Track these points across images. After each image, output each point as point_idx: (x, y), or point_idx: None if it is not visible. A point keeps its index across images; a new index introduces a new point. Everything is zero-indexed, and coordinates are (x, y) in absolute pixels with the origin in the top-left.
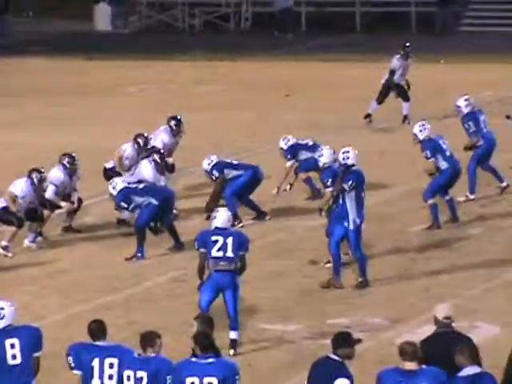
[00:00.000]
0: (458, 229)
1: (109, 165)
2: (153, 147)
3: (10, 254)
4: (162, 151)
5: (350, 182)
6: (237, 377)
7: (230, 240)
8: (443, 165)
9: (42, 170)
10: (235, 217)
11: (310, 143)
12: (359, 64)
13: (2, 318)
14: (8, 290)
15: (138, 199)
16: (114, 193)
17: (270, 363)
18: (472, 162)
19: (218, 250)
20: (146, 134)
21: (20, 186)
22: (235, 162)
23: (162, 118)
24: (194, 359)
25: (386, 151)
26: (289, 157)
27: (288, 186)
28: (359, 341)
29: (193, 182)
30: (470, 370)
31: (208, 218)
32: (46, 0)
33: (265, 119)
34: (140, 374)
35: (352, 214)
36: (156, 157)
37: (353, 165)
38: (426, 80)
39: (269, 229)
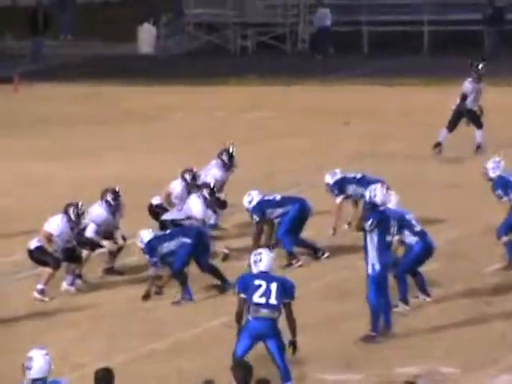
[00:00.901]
0: None
1: (155, 201)
2: (204, 183)
3: (46, 299)
4: (212, 186)
5: (369, 222)
6: None
7: (273, 286)
8: None
9: (80, 205)
10: (292, 255)
11: (359, 176)
12: (426, 88)
13: (29, 369)
14: (44, 338)
15: (169, 245)
16: (142, 246)
17: None
18: None
19: (261, 295)
20: (194, 169)
21: (56, 224)
22: (278, 198)
23: (210, 148)
24: None
25: (457, 183)
26: (336, 192)
27: (346, 226)
28: None
29: (245, 219)
30: None
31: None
32: (86, 22)
33: (322, 149)
34: None
35: (371, 258)
36: (205, 192)
37: (381, 204)
38: (501, 105)
39: (328, 268)
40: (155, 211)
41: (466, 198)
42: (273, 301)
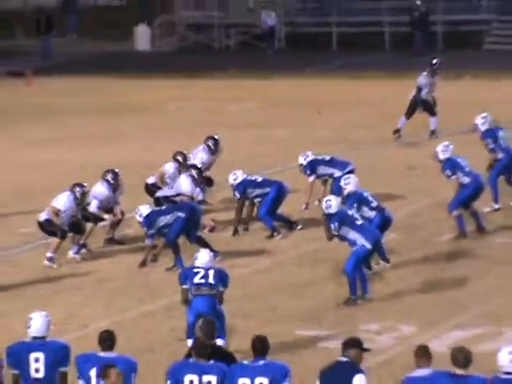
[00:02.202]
0: (483, 238)
1: (150, 180)
2: (192, 164)
3: (54, 265)
4: (199, 167)
5: (333, 227)
6: (287, 378)
7: (210, 271)
8: (465, 180)
9: (85, 185)
10: (274, 229)
11: (327, 158)
12: (388, 81)
13: (29, 328)
14: (53, 300)
15: (165, 218)
16: (141, 220)
17: (303, 368)
18: (493, 173)
19: (201, 278)
20: (184, 151)
21: (63, 201)
22: (259, 180)
23: (199, 134)
24: (245, 362)
25: (413, 164)
26: (308, 172)
27: (317, 202)
28: (368, 350)
29: (229, 195)
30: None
31: (233, 234)
32: (88, 22)
33: (298, 135)
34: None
35: (359, 240)
36: (194, 172)
37: (335, 213)
38: (452, 95)
39: (303, 239)
40: (150, 189)
41: (422, 178)
42: (211, 280)
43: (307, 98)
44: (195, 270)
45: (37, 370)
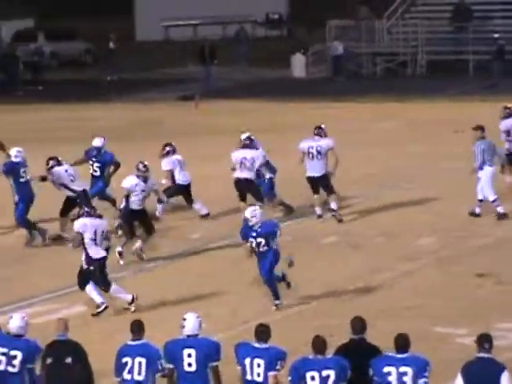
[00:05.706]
0: None
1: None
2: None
3: (122, 261)
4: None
5: None
6: (428, 370)
7: None
8: None
9: (146, 162)
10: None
11: None
12: None
13: (183, 327)
14: (218, 299)
15: None
16: None
17: (440, 362)
18: None
19: None
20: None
21: (129, 181)
22: None
23: (346, 150)
24: (390, 353)
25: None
26: None
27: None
28: None
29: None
30: None
31: None
32: (254, 54)
33: (435, 152)
34: (326, 372)
35: None
36: None
37: None
38: None
39: (439, 245)
40: None
41: None
42: None
43: (445, 118)
44: None
45: (189, 365)
